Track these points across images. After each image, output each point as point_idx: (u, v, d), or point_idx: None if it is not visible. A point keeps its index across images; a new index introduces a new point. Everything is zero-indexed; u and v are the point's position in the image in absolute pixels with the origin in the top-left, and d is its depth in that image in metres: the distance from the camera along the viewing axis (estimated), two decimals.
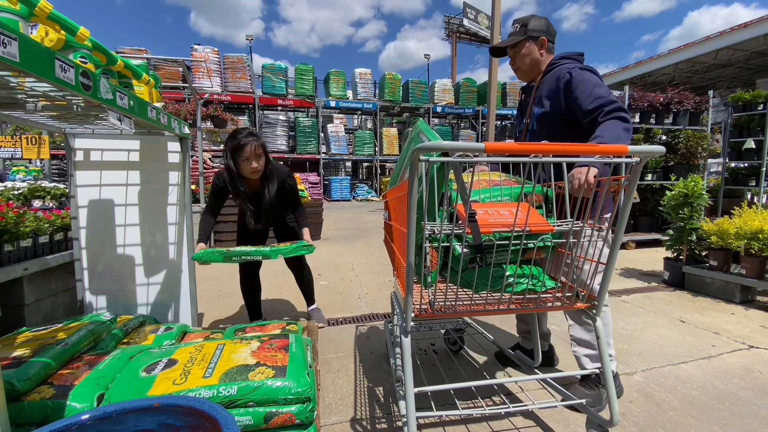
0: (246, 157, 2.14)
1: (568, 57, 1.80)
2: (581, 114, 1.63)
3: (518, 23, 1.83)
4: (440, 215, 1.26)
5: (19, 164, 6.47)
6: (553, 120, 1.74)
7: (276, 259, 2.09)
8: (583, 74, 1.66)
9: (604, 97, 1.58)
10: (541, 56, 1.82)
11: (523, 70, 1.87)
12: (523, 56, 1.83)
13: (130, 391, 1.25)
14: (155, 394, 1.23)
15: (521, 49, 1.82)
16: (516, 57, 1.85)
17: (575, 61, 1.79)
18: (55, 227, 2.39)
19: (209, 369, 1.34)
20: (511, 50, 1.86)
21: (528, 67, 1.84)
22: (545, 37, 1.80)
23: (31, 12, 1.15)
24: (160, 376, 1.32)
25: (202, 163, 6.03)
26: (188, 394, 1.21)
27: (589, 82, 1.63)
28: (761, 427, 1.54)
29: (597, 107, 1.58)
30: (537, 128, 1.82)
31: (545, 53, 1.83)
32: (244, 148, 2.11)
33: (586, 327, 1.73)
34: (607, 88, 1.65)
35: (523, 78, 1.92)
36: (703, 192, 3.37)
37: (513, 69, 1.93)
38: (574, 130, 1.69)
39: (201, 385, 1.25)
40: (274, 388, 1.27)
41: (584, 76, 1.65)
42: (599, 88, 1.62)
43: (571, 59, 1.79)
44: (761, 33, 10.07)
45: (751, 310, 2.91)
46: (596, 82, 1.64)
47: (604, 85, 1.66)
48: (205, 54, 13.81)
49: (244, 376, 1.30)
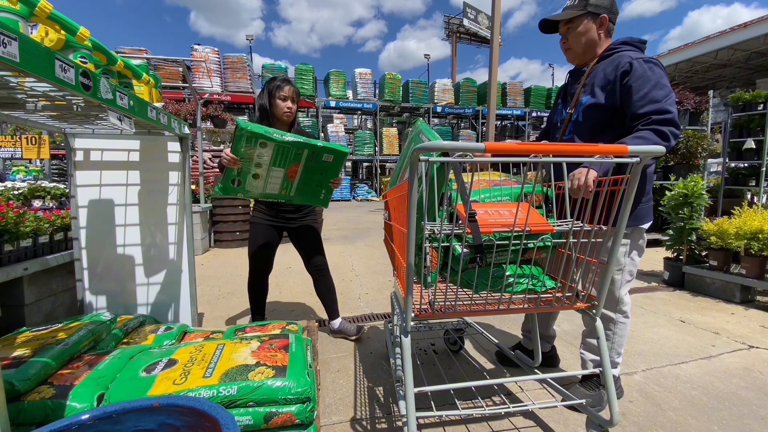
0: (285, 95, 2.21)
1: (631, 43, 1.58)
2: (630, 115, 1.48)
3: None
4: (440, 215, 1.26)
5: (19, 164, 6.47)
6: (603, 113, 1.56)
7: (317, 149, 1.91)
8: (645, 68, 1.46)
9: (659, 102, 1.41)
10: (599, 37, 1.61)
11: (576, 51, 1.65)
12: (578, 34, 1.60)
13: (130, 391, 1.25)
14: (155, 394, 1.23)
15: (578, 26, 1.59)
16: (570, 35, 1.63)
17: (638, 49, 1.57)
18: (55, 227, 2.39)
19: (209, 369, 1.34)
20: (564, 26, 1.64)
21: (583, 48, 1.63)
22: (607, 15, 1.58)
23: (31, 12, 1.15)
24: (160, 376, 1.32)
25: (202, 163, 6.03)
26: (188, 394, 1.21)
27: (650, 81, 1.45)
28: (761, 427, 1.54)
29: (646, 113, 1.42)
30: (582, 119, 1.62)
31: (603, 35, 1.62)
32: (283, 87, 2.21)
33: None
34: (668, 90, 1.46)
35: (574, 60, 1.70)
36: (703, 192, 3.37)
37: (563, 48, 1.70)
38: (623, 127, 1.51)
39: (201, 385, 1.25)
40: (274, 388, 1.27)
41: (647, 71, 1.46)
42: (658, 90, 1.44)
43: (633, 46, 1.57)
44: (761, 33, 10.07)
45: (751, 310, 2.91)
46: (657, 81, 1.45)
47: (667, 85, 1.47)
48: (205, 54, 13.81)
49: (244, 376, 1.30)
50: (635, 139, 1.39)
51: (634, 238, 1.62)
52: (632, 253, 1.63)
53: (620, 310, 1.67)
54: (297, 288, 3.62)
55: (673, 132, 1.39)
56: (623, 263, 1.61)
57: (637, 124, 1.44)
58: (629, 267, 1.64)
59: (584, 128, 1.61)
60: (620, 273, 1.63)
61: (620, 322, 1.68)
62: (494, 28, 8.80)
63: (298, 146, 1.87)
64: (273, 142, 1.80)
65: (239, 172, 1.86)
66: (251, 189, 1.94)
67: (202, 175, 5.87)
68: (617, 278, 1.63)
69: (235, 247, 5.89)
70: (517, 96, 18.84)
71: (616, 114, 1.54)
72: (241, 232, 6.02)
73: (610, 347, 1.65)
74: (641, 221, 1.60)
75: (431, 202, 1.23)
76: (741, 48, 11.42)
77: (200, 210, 5.36)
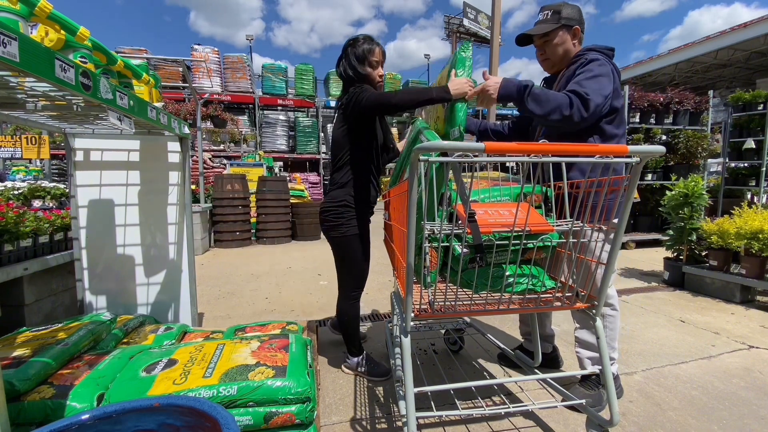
0: (377, 60, 1.81)
1: (597, 49, 1.64)
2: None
3: (549, 10, 1.69)
4: (440, 215, 1.26)
5: (19, 164, 6.47)
6: None
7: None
8: (593, 65, 1.52)
9: (584, 89, 1.44)
10: (573, 46, 1.69)
11: (554, 61, 1.73)
12: (555, 46, 1.69)
13: (130, 391, 1.26)
14: (155, 394, 1.23)
15: (554, 39, 1.68)
16: (547, 47, 1.71)
17: (603, 54, 1.62)
18: (55, 227, 2.39)
19: (209, 369, 1.34)
20: (540, 39, 1.72)
21: (559, 57, 1.71)
22: (578, 27, 1.68)
23: (31, 12, 1.15)
24: (160, 376, 1.32)
25: (202, 163, 6.03)
26: (188, 394, 1.21)
27: (590, 72, 1.49)
28: (761, 427, 1.54)
29: (570, 90, 1.46)
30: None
31: (577, 44, 1.70)
32: (374, 50, 1.80)
33: (592, 330, 1.70)
34: (603, 84, 1.48)
35: (551, 69, 1.78)
36: (703, 192, 3.37)
37: (540, 59, 1.78)
38: (591, 129, 1.55)
39: (201, 385, 1.25)
40: (274, 388, 1.27)
41: (594, 67, 1.51)
42: (594, 81, 1.47)
43: (599, 52, 1.63)
44: (761, 33, 10.06)
45: (751, 310, 2.91)
46: (599, 75, 1.48)
47: (609, 85, 1.50)
48: (205, 54, 13.80)
49: (244, 376, 1.30)
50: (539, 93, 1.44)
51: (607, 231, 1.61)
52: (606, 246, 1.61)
53: (607, 303, 1.68)
54: (297, 288, 3.62)
55: (579, 107, 1.41)
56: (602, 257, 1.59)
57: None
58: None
59: (552, 133, 1.67)
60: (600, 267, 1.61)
61: (609, 315, 1.70)
62: (494, 28, 8.79)
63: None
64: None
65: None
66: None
67: (202, 175, 5.87)
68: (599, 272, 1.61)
69: (235, 247, 5.89)
70: None
71: None
72: (241, 232, 6.02)
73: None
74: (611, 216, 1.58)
75: (431, 202, 1.23)
76: (741, 48, 11.41)
77: (200, 210, 5.37)
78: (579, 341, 1.74)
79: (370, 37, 1.85)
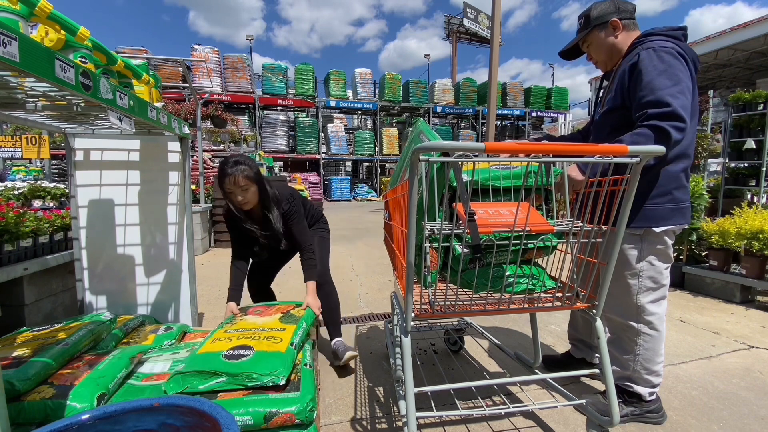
0: (229, 190, 1.82)
1: (657, 33, 1.48)
2: (633, 109, 1.41)
3: (581, 18, 1.65)
4: (440, 215, 1.26)
5: (19, 164, 6.46)
6: (618, 112, 1.52)
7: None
8: (653, 56, 1.38)
9: (659, 91, 1.33)
10: (617, 38, 1.58)
11: (603, 61, 1.65)
12: (596, 47, 1.63)
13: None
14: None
15: (592, 41, 1.63)
16: (590, 51, 1.67)
17: (665, 37, 1.45)
18: (55, 227, 2.39)
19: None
20: (583, 46, 1.68)
21: (606, 56, 1.62)
22: (616, 18, 1.56)
23: (31, 12, 1.15)
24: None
25: (202, 163, 6.03)
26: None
27: (654, 69, 1.36)
28: (761, 427, 1.54)
29: (643, 106, 1.36)
30: (600, 120, 1.62)
31: (622, 33, 1.57)
32: (223, 180, 1.80)
33: (622, 345, 1.59)
34: (676, 79, 1.35)
35: (605, 68, 1.69)
36: (703, 192, 3.37)
37: (594, 64, 1.71)
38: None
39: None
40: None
41: (654, 59, 1.38)
42: (662, 78, 1.35)
43: (659, 35, 1.46)
44: (761, 33, 10.05)
45: (751, 310, 2.91)
46: (665, 69, 1.36)
47: (678, 74, 1.35)
48: (205, 54, 13.82)
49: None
50: (633, 136, 1.33)
51: (649, 240, 1.50)
52: (649, 257, 1.51)
53: (644, 320, 1.53)
54: (297, 288, 3.62)
55: (674, 126, 1.30)
56: (638, 268, 1.51)
57: (638, 117, 1.37)
58: (648, 272, 1.51)
59: (602, 130, 1.60)
60: (636, 278, 1.52)
61: (645, 334, 1.53)
62: (494, 28, 8.80)
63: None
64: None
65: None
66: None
67: (202, 175, 5.87)
68: (632, 283, 1.52)
69: None
70: (517, 96, 18.86)
71: (629, 112, 1.47)
72: None
73: (633, 360, 1.54)
74: (655, 223, 1.47)
75: (431, 202, 1.23)
76: (741, 48, 11.40)
77: (200, 210, 5.37)
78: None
79: (237, 161, 1.82)
